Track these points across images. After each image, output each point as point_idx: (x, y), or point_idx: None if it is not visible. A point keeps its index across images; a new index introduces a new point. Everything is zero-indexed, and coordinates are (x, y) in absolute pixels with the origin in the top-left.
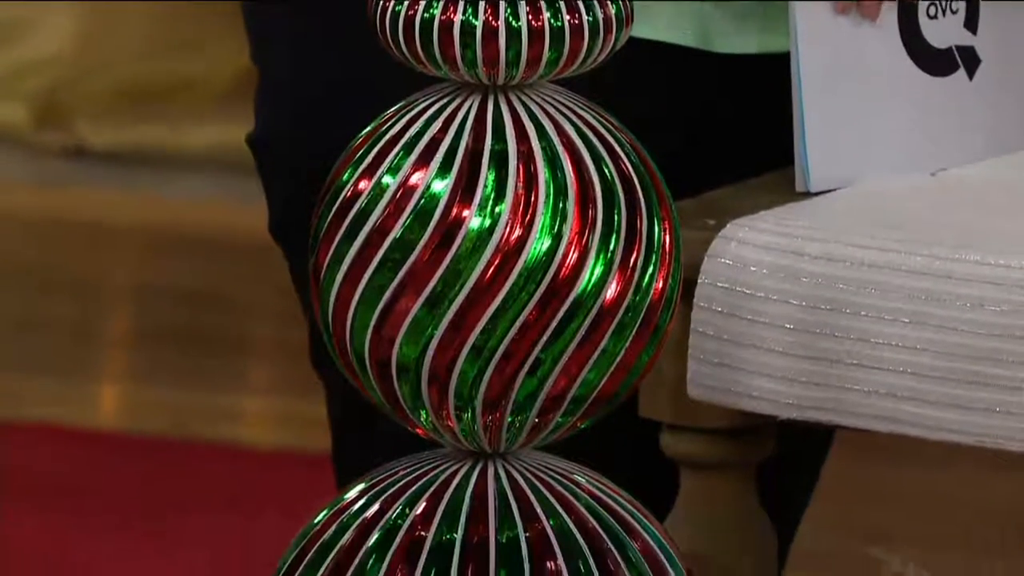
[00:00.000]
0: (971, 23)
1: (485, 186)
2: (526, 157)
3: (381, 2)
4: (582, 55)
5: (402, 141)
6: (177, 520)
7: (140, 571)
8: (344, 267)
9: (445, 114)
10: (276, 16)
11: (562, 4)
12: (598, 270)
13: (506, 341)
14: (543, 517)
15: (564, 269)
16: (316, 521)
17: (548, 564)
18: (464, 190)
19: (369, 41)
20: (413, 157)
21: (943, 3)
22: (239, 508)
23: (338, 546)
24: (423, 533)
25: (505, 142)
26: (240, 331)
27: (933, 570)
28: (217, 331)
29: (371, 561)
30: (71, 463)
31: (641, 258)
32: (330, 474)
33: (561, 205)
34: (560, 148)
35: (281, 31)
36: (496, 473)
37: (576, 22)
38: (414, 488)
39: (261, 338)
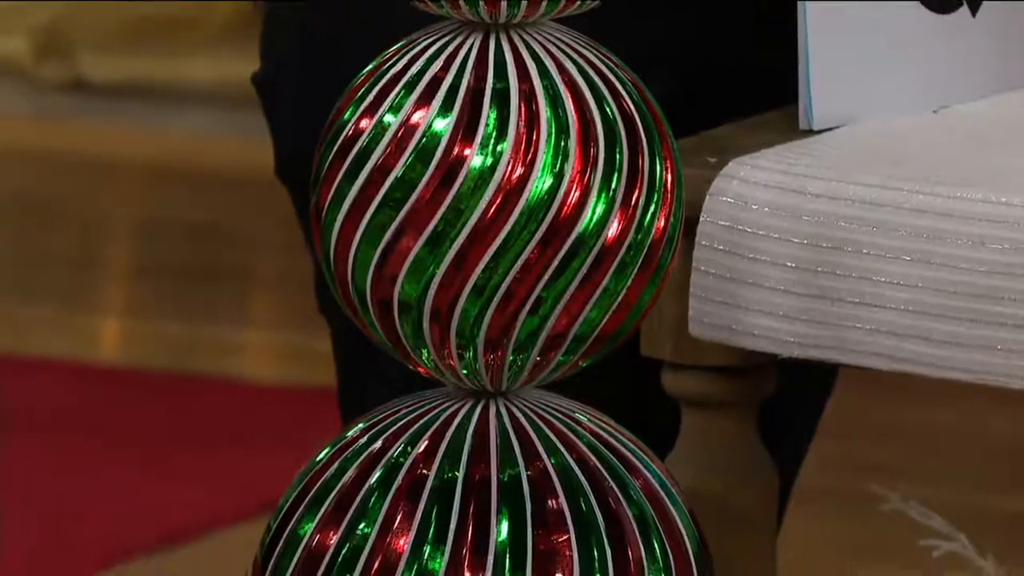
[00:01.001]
0: None
1: (487, 125)
2: (528, 96)
3: None
4: None
5: (403, 80)
6: (178, 454)
7: (141, 506)
8: (345, 206)
9: (447, 52)
10: None
11: None
12: (600, 209)
13: (508, 280)
14: (544, 455)
15: (566, 208)
16: (318, 459)
17: (550, 502)
18: (466, 129)
19: None
20: (414, 96)
21: None
22: (241, 442)
23: (340, 484)
24: (425, 471)
25: (507, 80)
26: (243, 265)
27: (934, 506)
28: (219, 265)
29: (373, 499)
30: (72, 397)
31: (643, 196)
32: (332, 408)
33: (563, 144)
34: (562, 87)
35: None
36: (498, 412)
37: None
38: (416, 426)
39: (264, 272)
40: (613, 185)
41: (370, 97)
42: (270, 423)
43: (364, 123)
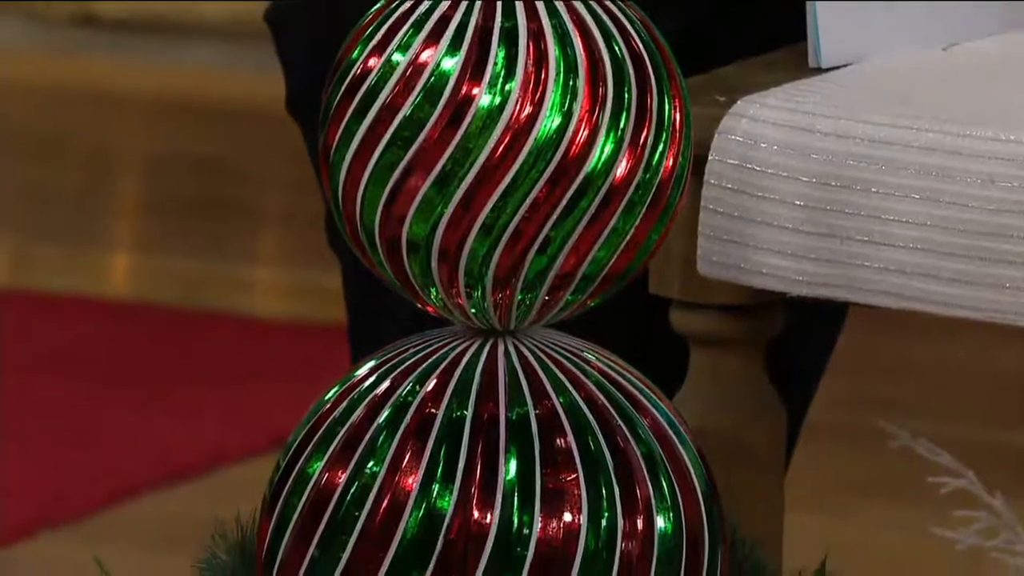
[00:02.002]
0: None
1: (495, 64)
2: (536, 34)
3: None
4: None
5: (412, 18)
6: (187, 390)
7: (149, 442)
8: (354, 145)
9: None
10: None
11: None
12: (608, 148)
13: (516, 219)
14: (553, 394)
15: (574, 147)
16: (326, 398)
17: (558, 441)
18: (474, 68)
19: None
20: (423, 35)
21: None
22: (250, 378)
23: (348, 423)
24: (433, 410)
25: (515, 19)
26: (251, 200)
27: (943, 442)
28: (228, 200)
29: (381, 438)
30: (80, 332)
31: (651, 135)
32: (341, 343)
33: (571, 83)
34: (570, 25)
35: None
36: (506, 350)
37: None
38: (424, 365)
39: (273, 207)
40: (622, 124)
41: (378, 36)
42: (278, 359)
43: (372, 62)
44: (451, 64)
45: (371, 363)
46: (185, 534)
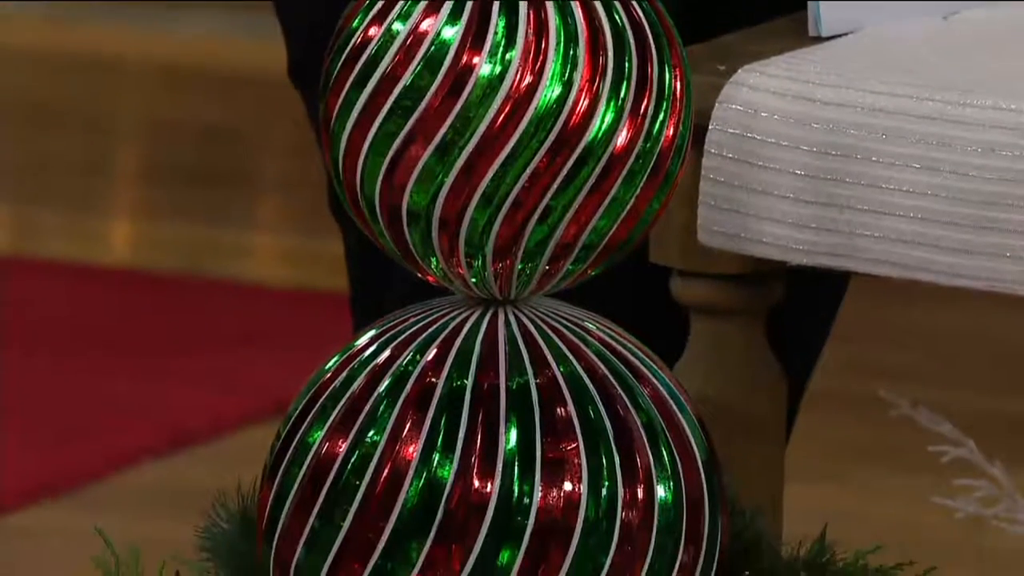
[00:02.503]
0: None
1: (495, 33)
2: (536, 3)
3: None
4: None
5: None
6: (187, 356)
7: (150, 409)
8: (354, 114)
9: None
10: None
11: None
12: (608, 117)
13: (516, 189)
14: (553, 363)
15: (574, 116)
16: (327, 368)
17: (558, 410)
18: (474, 37)
19: None
20: (423, 3)
21: None
22: (250, 345)
23: (349, 393)
24: (434, 380)
25: None
26: (253, 167)
27: (944, 409)
28: (229, 167)
29: (382, 407)
30: (81, 299)
31: (652, 105)
32: (342, 310)
33: (572, 52)
34: None
35: None
36: (507, 320)
37: None
38: (425, 335)
39: (273, 174)
40: (622, 94)
41: (379, 5)
42: (280, 325)
43: (373, 31)
44: (451, 33)
45: (371, 332)
46: (186, 502)
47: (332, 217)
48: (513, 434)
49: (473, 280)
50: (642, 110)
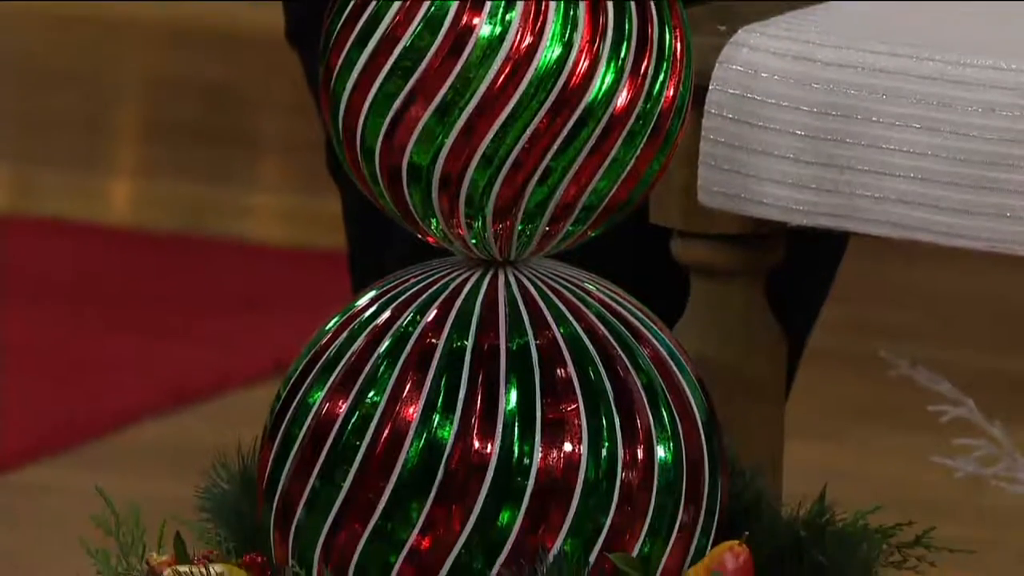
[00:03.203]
0: None
1: None
2: None
3: None
4: None
5: None
6: (188, 316)
7: (151, 367)
8: (354, 75)
9: None
10: None
11: None
12: (609, 78)
13: (516, 150)
14: (553, 324)
15: (575, 77)
16: (327, 328)
17: (558, 371)
18: None
19: None
20: None
21: None
22: (250, 304)
23: (349, 353)
24: (434, 340)
25: None
26: (253, 126)
27: (944, 367)
28: (230, 126)
29: (382, 368)
30: (82, 257)
31: (652, 65)
32: (341, 270)
33: (572, 12)
34: None
35: None
36: (507, 281)
37: None
38: (425, 296)
39: (274, 133)
40: (622, 54)
41: None
42: (280, 284)
43: None
44: None
45: (371, 293)
46: (187, 461)
47: (330, 173)
48: (513, 395)
49: (473, 241)
50: (642, 71)
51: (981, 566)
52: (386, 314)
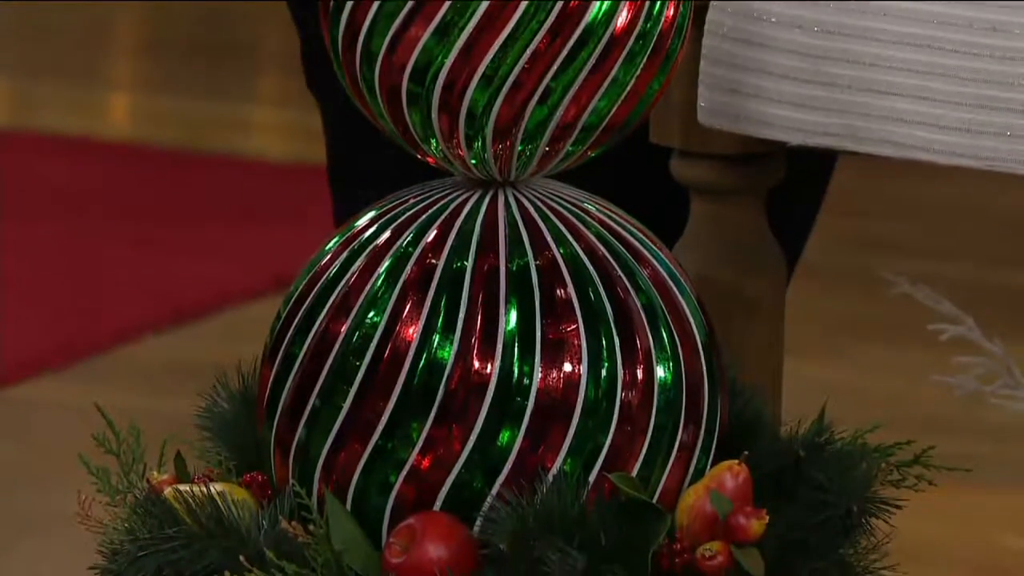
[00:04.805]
0: None
1: None
2: None
3: None
4: None
5: None
6: (187, 231)
7: (151, 283)
8: None
9: None
10: None
11: None
12: None
13: (516, 70)
14: (553, 245)
15: None
16: (326, 249)
17: (558, 291)
18: None
19: None
20: None
21: None
22: (250, 219)
23: (349, 274)
24: (433, 261)
25: None
26: (251, 41)
27: (942, 282)
28: (229, 41)
29: (382, 288)
30: (80, 172)
31: None
32: None
33: None
34: None
35: None
36: (506, 201)
37: None
38: (424, 216)
39: (273, 49)
40: None
41: None
42: (279, 199)
43: None
44: None
45: (371, 214)
46: (187, 377)
47: (308, 85)
48: (513, 315)
49: (473, 161)
50: None
51: (980, 482)
52: (386, 234)
